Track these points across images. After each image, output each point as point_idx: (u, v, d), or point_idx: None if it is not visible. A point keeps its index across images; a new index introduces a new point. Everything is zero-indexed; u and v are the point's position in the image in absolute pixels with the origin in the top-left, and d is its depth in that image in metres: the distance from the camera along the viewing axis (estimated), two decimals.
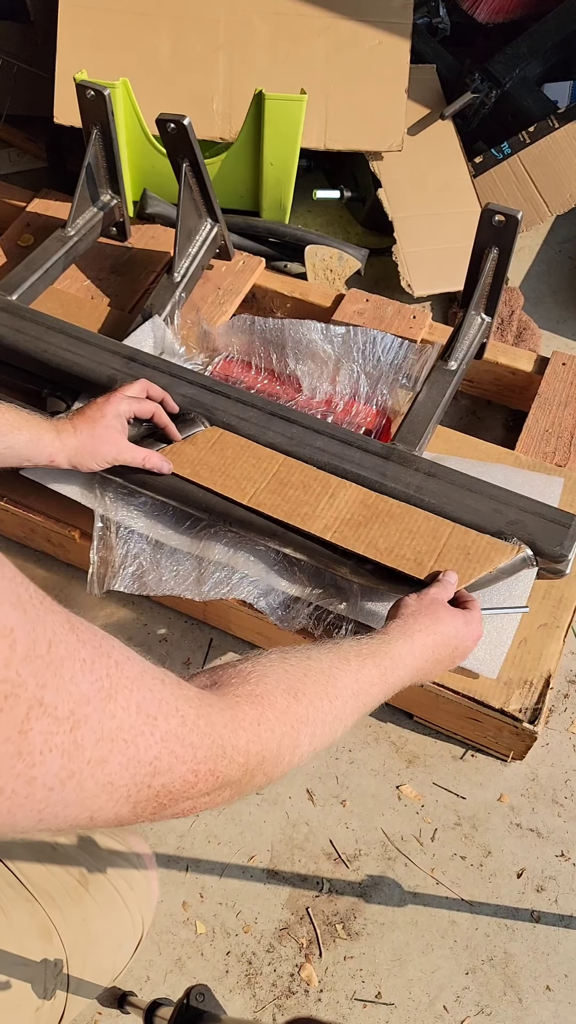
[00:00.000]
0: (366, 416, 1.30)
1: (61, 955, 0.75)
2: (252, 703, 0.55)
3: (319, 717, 0.61)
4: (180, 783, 0.47)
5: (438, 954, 1.07)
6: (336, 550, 1.04)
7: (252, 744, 0.54)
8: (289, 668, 0.61)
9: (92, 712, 0.41)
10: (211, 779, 0.50)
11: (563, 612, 1.09)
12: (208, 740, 0.49)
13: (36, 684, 0.38)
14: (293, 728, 0.58)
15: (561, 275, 1.81)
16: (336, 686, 0.64)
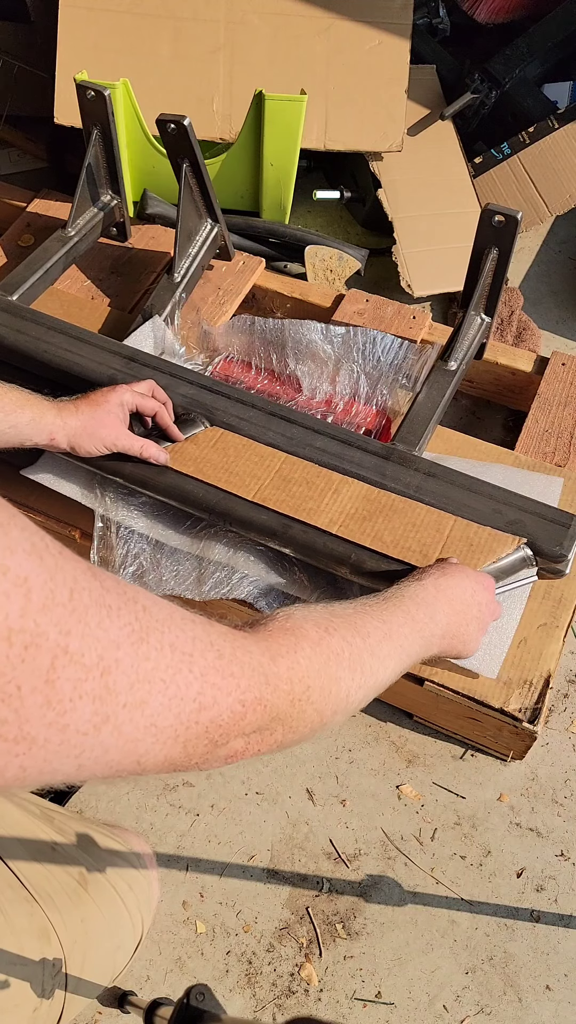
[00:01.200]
0: (366, 416, 1.30)
1: (60, 956, 0.75)
2: (285, 634, 0.54)
3: (355, 653, 0.60)
4: (228, 715, 0.46)
5: (438, 954, 1.07)
6: (336, 550, 1.04)
7: (293, 670, 0.53)
8: (315, 610, 0.61)
9: (123, 656, 0.41)
10: (259, 709, 0.48)
11: (563, 612, 1.09)
12: (248, 669, 0.48)
13: (58, 632, 0.37)
14: (330, 660, 0.57)
15: (561, 275, 1.82)
16: (366, 624, 0.64)
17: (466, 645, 0.84)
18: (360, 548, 1.03)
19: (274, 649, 0.52)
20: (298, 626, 0.57)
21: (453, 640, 0.81)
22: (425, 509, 1.08)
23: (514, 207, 1.12)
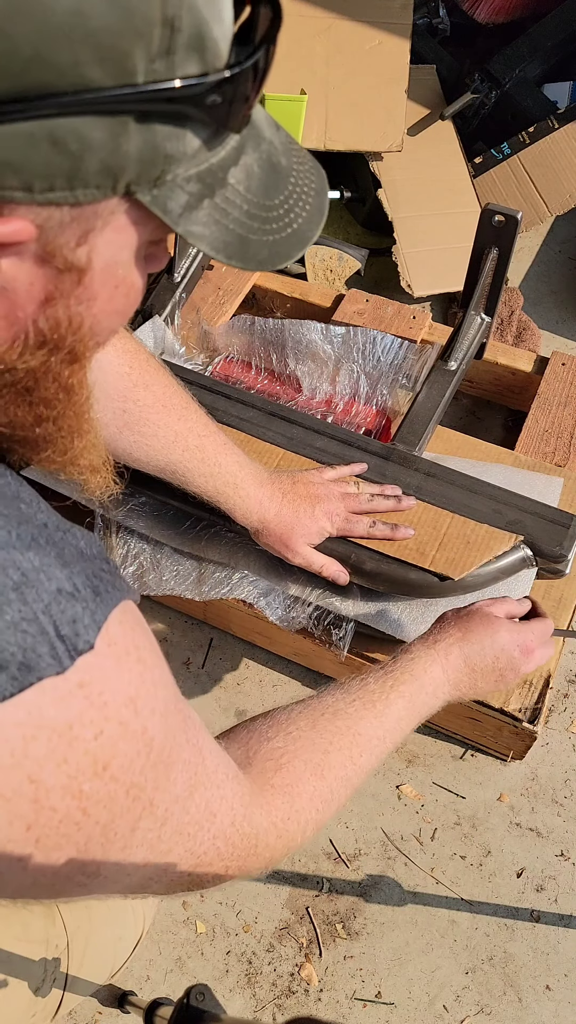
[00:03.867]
0: (366, 416, 1.30)
1: (63, 939, 0.76)
2: (284, 796, 0.56)
3: (343, 786, 0.61)
4: (211, 877, 0.50)
5: (438, 953, 1.07)
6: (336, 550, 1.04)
7: (280, 840, 0.55)
8: (317, 739, 0.61)
9: (177, 810, 0.44)
10: (236, 873, 0.52)
11: (563, 612, 1.09)
12: (248, 841, 0.51)
13: (153, 787, 0.41)
14: (318, 811, 0.59)
15: (561, 275, 1.82)
16: (361, 744, 0.64)
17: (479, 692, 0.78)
18: (360, 548, 1.03)
19: (272, 817, 0.55)
20: (296, 780, 0.58)
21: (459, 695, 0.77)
22: (423, 506, 1.08)
23: (514, 207, 1.12)
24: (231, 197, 0.40)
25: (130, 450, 0.91)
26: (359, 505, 1.04)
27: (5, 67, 0.31)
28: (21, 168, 0.33)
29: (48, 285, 0.39)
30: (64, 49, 0.31)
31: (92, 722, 0.37)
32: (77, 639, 0.36)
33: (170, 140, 0.36)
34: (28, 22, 0.30)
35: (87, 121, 0.33)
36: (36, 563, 0.37)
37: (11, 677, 0.34)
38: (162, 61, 0.34)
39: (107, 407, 0.87)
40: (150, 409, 0.89)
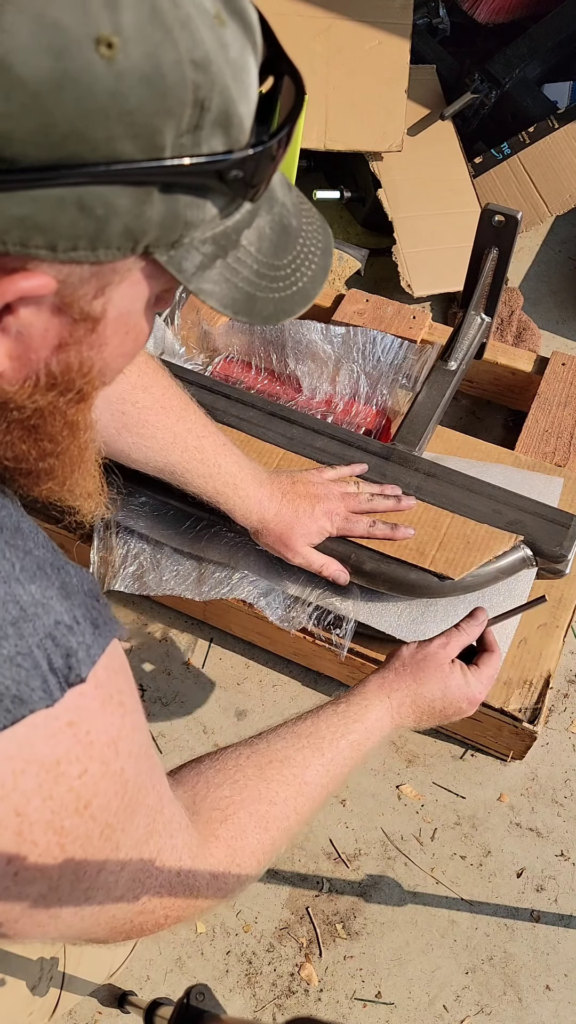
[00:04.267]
0: (366, 416, 1.30)
1: (58, 946, 0.75)
2: (227, 849, 0.57)
3: (284, 836, 0.63)
4: (152, 924, 0.51)
5: (438, 954, 1.07)
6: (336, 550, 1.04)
7: (218, 892, 0.56)
8: (263, 790, 0.62)
9: (135, 856, 0.45)
10: (173, 923, 0.53)
11: (563, 612, 1.10)
12: (189, 892, 0.52)
13: (121, 830, 0.42)
14: (258, 863, 0.60)
15: (561, 275, 1.82)
16: (306, 794, 0.65)
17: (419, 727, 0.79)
18: (360, 547, 1.03)
19: (215, 869, 0.56)
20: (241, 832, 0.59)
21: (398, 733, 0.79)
22: (423, 506, 1.08)
23: (514, 207, 1.12)
24: (242, 257, 0.42)
25: (129, 451, 0.91)
26: (359, 505, 1.04)
27: (43, 140, 0.33)
28: (48, 229, 0.35)
29: (63, 332, 0.40)
30: (100, 126, 0.33)
31: (78, 760, 0.38)
32: (70, 672, 0.37)
33: (191, 208, 0.38)
34: (69, 102, 0.32)
35: (114, 190, 0.35)
36: (37, 596, 0.37)
37: (4, 710, 0.35)
38: (189, 137, 0.36)
39: (106, 409, 0.87)
40: (149, 411, 0.89)
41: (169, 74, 0.34)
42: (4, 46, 0.31)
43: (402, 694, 0.75)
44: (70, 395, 0.43)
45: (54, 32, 0.31)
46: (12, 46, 0.31)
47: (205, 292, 0.41)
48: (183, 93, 0.34)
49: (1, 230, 0.34)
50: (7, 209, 0.34)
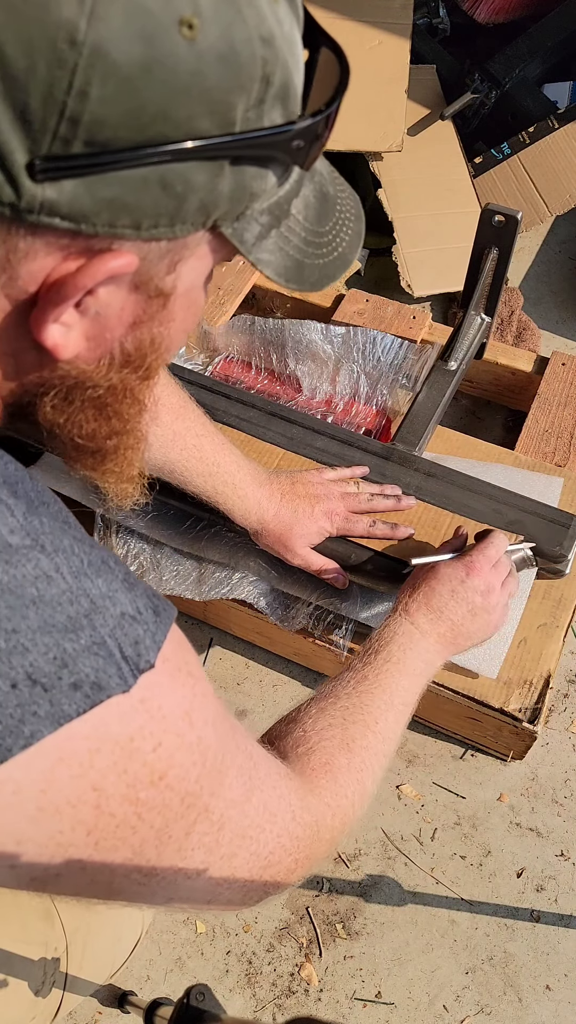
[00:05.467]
0: (366, 416, 1.30)
1: (62, 941, 0.76)
2: (326, 775, 0.59)
3: (370, 755, 0.64)
4: (284, 873, 0.52)
5: (438, 953, 1.07)
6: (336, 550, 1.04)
7: (336, 818, 0.58)
8: (331, 719, 0.65)
9: (235, 815, 0.46)
10: (306, 865, 0.54)
11: (563, 612, 1.09)
12: (310, 831, 0.54)
13: (208, 793, 0.43)
14: (359, 782, 0.62)
15: (561, 275, 1.82)
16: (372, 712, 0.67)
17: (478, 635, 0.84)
18: (360, 548, 1.03)
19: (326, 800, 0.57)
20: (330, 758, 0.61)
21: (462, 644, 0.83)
22: (422, 506, 1.08)
23: (514, 207, 1.12)
24: (292, 226, 0.45)
25: None
26: (359, 505, 1.04)
27: (132, 122, 0.34)
28: (134, 208, 0.37)
29: (137, 310, 0.42)
30: (182, 105, 0.35)
31: (151, 735, 0.39)
32: (139, 659, 0.39)
33: (255, 179, 0.40)
34: (157, 84, 0.34)
35: (192, 166, 0.37)
36: (104, 589, 0.39)
37: (84, 695, 0.36)
38: (255, 110, 0.38)
39: None
40: None
41: (242, 51, 0.36)
42: (100, 33, 0.32)
43: (407, 601, 0.81)
44: (140, 372, 0.45)
45: (144, 17, 0.33)
46: (107, 33, 0.32)
47: (263, 262, 0.44)
48: (253, 69, 0.36)
49: (92, 212, 0.36)
50: (98, 191, 0.36)
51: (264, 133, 0.38)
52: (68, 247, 0.38)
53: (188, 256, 0.42)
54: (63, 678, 0.36)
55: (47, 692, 0.36)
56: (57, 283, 0.38)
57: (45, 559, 0.37)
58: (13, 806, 0.36)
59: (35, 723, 0.35)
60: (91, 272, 0.38)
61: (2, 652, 0.35)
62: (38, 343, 0.41)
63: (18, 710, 0.35)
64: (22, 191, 0.35)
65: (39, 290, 0.39)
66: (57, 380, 0.44)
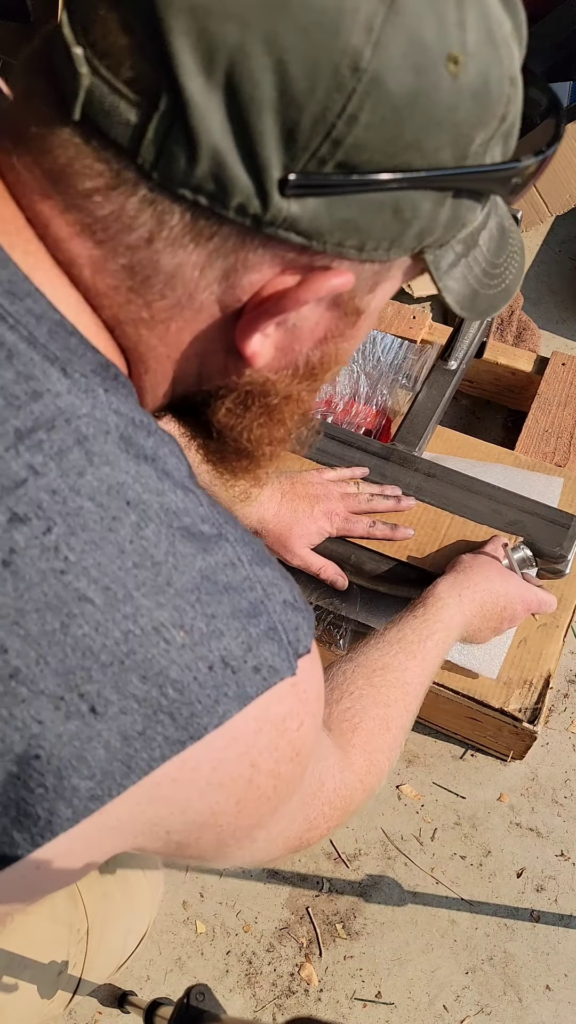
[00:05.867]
0: (366, 416, 1.30)
1: (84, 923, 0.79)
2: (363, 753, 0.63)
3: (402, 734, 0.68)
4: (316, 836, 0.55)
5: (438, 954, 1.07)
6: (336, 551, 1.04)
7: (364, 792, 0.62)
8: (376, 696, 0.68)
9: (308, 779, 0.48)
10: (333, 830, 0.57)
11: (563, 612, 1.09)
12: (345, 802, 0.57)
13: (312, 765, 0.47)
14: (388, 760, 0.66)
15: (561, 275, 1.82)
16: (411, 694, 0.71)
17: (481, 635, 0.88)
18: (360, 548, 1.03)
19: (359, 774, 0.61)
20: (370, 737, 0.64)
21: (468, 637, 0.86)
22: (423, 507, 1.08)
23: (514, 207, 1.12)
24: (477, 256, 0.46)
25: None
26: (359, 505, 1.04)
27: (387, 148, 0.35)
28: (363, 230, 0.38)
29: (330, 326, 0.43)
30: (433, 136, 0.36)
31: (298, 715, 0.41)
32: (299, 644, 0.40)
33: (469, 211, 0.41)
34: (418, 115, 0.35)
35: (424, 195, 0.38)
36: (271, 577, 0.40)
37: (262, 678, 0.38)
38: (484, 146, 0.39)
39: None
40: None
41: (494, 89, 0.37)
42: (381, 62, 0.33)
43: (472, 591, 0.83)
44: (315, 384, 0.47)
45: (420, 50, 0.34)
46: (387, 63, 0.33)
47: (448, 289, 0.45)
48: (498, 107, 0.38)
49: (326, 230, 0.37)
50: (337, 211, 0.37)
51: (494, 168, 0.39)
52: (291, 262, 0.39)
53: (389, 278, 0.43)
54: (248, 661, 0.38)
55: (235, 674, 0.37)
56: (276, 295, 0.39)
57: (230, 547, 0.39)
58: (190, 782, 0.38)
59: (227, 703, 0.37)
60: (313, 287, 0.39)
61: (204, 635, 0.36)
62: (232, 349, 0.42)
63: (214, 691, 0.36)
64: (270, 204, 0.36)
65: (250, 300, 0.40)
66: (240, 386, 0.45)
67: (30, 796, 0.34)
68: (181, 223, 0.37)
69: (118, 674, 0.35)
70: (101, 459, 0.35)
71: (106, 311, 0.40)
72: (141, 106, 0.34)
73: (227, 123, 0.34)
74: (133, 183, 0.36)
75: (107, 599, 0.35)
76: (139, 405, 0.40)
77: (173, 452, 0.40)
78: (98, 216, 0.37)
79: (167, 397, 0.47)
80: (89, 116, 0.35)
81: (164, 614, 0.36)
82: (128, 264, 0.38)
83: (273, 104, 0.33)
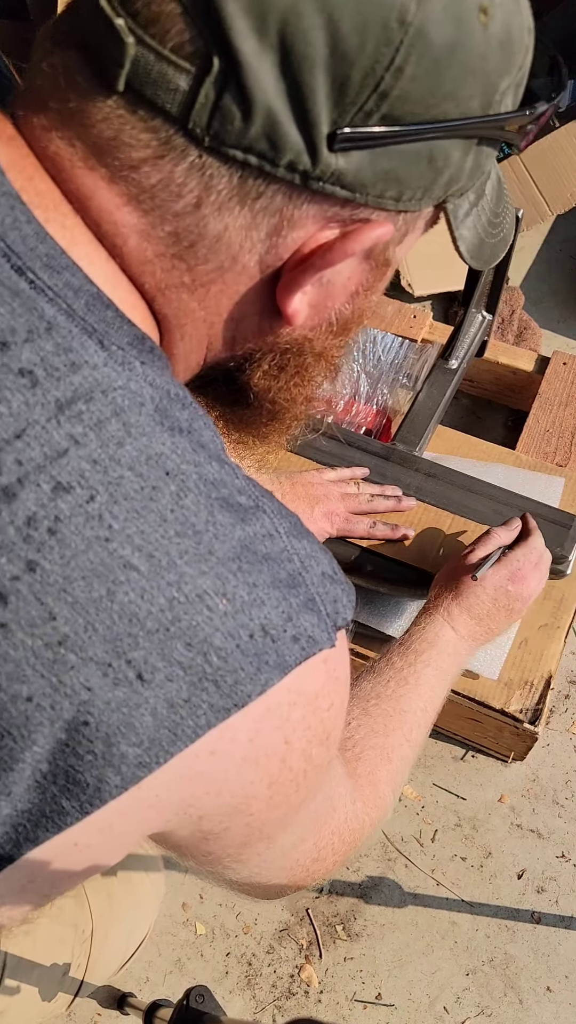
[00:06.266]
0: (366, 416, 1.29)
1: (89, 924, 0.78)
2: (369, 785, 0.61)
3: (405, 764, 0.67)
4: (323, 871, 0.54)
5: (438, 955, 1.07)
6: (336, 551, 1.04)
7: (371, 826, 0.60)
8: (375, 725, 0.66)
9: (315, 798, 0.47)
10: (340, 862, 0.55)
11: (563, 613, 1.09)
12: (352, 836, 0.55)
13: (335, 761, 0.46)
14: (393, 792, 0.64)
15: (562, 275, 1.81)
16: (410, 722, 0.69)
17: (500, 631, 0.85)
18: (360, 549, 1.03)
19: (368, 806, 0.59)
20: (374, 768, 0.62)
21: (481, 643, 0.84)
22: (423, 507, 1.08)
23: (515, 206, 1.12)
24: (484, 206, 0.47)
25: None
26: (359, 505, 1.03)
27: (428, 98, 0.37)
28: (402, 180, 0.39)
29: (361, 279, 0.44)
30: (467, 86, 0.38)
31: (329, 694, 0.41)
32: (337, 616, 0.40)
33: (488, 159, 0.43)
34: (456, 65, 0.36)
35: (454, 143, 0.39)
36: (308, 549, 0.40)
37: (301, 648, 0.38)
38: (503, 95, 0.40)
39: None
40: None
41: (515, 38, 0.39)
42: (426, 14, 0.35)
43: (446, 604, 0.81)
44: (346, 340, 0.48)
45: (457, 2, 0.36)
46: (431, 15, 0.35)
47: (462, 238, 0.46)
48: (519, 56, 0.40)
49: (369, 182, 0.38)
50: (379, 163, 0.38)
51: (516, 115, 0.41)
52: (332, 217, 0.39)
53: (414, 230, 0.44)
54: (287, 631, 0.37)
55: (275, 643, 0.37)
56: (321, 249, 0.40)
57: (267, 519, 0.39)
58: (227, 754, 0.37)
59: (268, 672, 0.37)
60: (360, 239, 0.39)
61: (245, 603, 0.36)
62: (268, 311, 0.43)
63: (256, 659, 0.36)
64: (319, 160, 0.37)
65: (290, 258, 0.40)
66: (277, 347, 0.45)
67: (79, 763, 0.34)
68: (228, 186, 0.37)
69: (164, 641, 0.35)
70: (138, 430, 0.36)
71: (148, 279, 0.40)
72: (192, 71, 0.35)
73: (280, 82, 0.35)
74: (182, 150, 0.36)
75: (151, 566, 0.35)
76: (173, 377, 0.40)
77: (208, 425, 0.40)
78: (146, 186, 0.37)
79: (200, 366, 0.46)
80: (134, 86, 0.35)
81: (207, 582, 0.36)
82: (174, 231, 0.39)
83: (325, 61, 0.34)
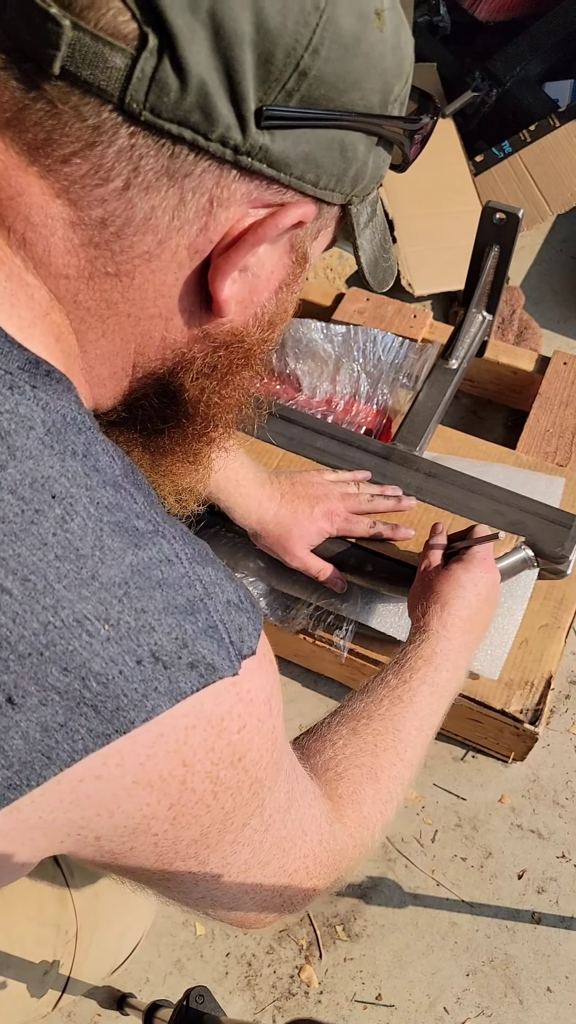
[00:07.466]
0: (366, 416, 1.29)
1: (73, 925, 0.77)
2: (352, 805, 0.59)
3: (397, 784, 0.65)
4: (301, 897, 0.52)
5: (438, 956, 1.07)
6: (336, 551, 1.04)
7: (356, 849, 0.58)
8: (363, 744, 0.64)
9: (278, 820, 0.47)
10: (322, 890, 0.54)
11: (564, 613, 1.09)
12: (332, 859, 0.54)
13: (267, 788, 0.44)
14: (382, 813, 0.62)
15: (562, 274, 1.81)
16: (403, 740, 0.67)
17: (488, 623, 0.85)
18: (360, 549, 1.03)
19: (349, 829, 0.57)
20: (358, 787, 0.61)
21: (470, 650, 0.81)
22: (423, 507, 1.08)
23: (515, 205, 1.11)
24: (377, 225, 0.49)
25: None
26: (359, 505, 1.03)
27: (339, 84, 0.40)
28: (318, 165, 0.42)
29: (283, 273, 0.46)
30: (368, 79, 0.41)
31: (239, 716, 0.41)
32: (243, 645, 0.40)
33: (383, 164, 0.46)
34: (360, 56, 0.40)
35: (359, 136, 0.43)
36: (213, 576, 0.40)
37: (199, 675, 0.38)
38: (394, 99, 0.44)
39: None
40: None
41: (403, 49, 0.43)
42: (335, 6, 0.38)
43: (435, 617, 0.79)
44: (271, 334, 0.49)
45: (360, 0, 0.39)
46: (340, 7, 0.39)
47: (362, 247, 0.48)
48: (405, 66, 0.43)
49: (291, 162, 0.41)
50: (299, 145, 0.40)
51: (409, 118, 0.44)
52: (258, 198, 0.41)
53: (326, 227, 0.46)
54: (182, 657, 0.37)
55: (167, 670, 0.37)
56: (253, 227, 0.41)
57: (166, 544, 0.39)
58: (115, 779, 0.37)
59: (156, 698, 0.37)
60: (288, 213, 0.42)
61: (131, 630, 0.36)
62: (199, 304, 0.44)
63: (142, 685, 0.36)
64: (248, 134, 0.39)
65: (220, 243, 0.42)
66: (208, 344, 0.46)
67: None
68: (157, 165, 0.38)
69: (37, 665, 0.34)
70: (24, 453, 0.36)
71: (71, 270, 0.40)
72: (127, 49, 0.36)
73: (212, 57, 0.37)
74: (112, 133, 0.37)
75: (26, 590, 0.35)
76: (77, 401, 0.40)
77: (106, 450, 0.40)
78: (75, 177, 0.38)
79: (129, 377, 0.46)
80: (70, 69, 0.36)
81: (87, 607, 0.35)
82: (101, 217, 0.39)
83: (251, 38, 0.37)
